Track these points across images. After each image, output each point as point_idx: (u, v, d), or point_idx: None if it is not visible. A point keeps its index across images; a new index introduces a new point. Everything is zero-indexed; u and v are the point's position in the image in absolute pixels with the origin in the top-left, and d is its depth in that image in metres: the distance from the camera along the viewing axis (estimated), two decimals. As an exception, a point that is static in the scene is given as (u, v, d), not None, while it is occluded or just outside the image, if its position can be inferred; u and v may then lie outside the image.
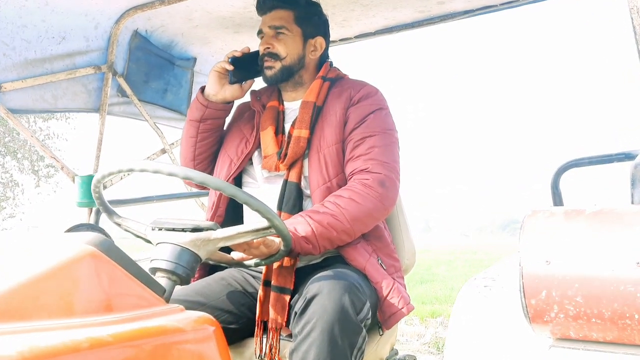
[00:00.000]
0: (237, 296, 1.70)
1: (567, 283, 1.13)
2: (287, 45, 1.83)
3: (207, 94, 1.87)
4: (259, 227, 1.31)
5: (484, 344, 1.36)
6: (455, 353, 1.38)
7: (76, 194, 2.22)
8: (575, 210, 1.21)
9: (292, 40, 1.84)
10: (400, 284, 1.72)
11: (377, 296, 1.61)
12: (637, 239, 1.08)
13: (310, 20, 1.88)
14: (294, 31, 1.84)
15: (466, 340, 1.39)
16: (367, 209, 1.61)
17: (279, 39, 1.83)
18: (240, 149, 1.86)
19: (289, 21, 1.84)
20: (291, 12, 1.84)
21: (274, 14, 1.85)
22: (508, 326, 1.34)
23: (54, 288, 0.91)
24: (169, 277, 1.28)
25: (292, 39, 1.84)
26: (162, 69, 2.65)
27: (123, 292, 1.01)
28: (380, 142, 1.71)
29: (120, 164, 1.32)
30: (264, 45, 1.84)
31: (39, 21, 2.13)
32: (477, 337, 1.38)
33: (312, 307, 1.38)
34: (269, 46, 1.83)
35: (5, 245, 1.05)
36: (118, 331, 0.90)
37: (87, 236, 1.02)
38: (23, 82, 2.12)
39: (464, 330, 1.40)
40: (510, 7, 2.34)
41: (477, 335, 1.38)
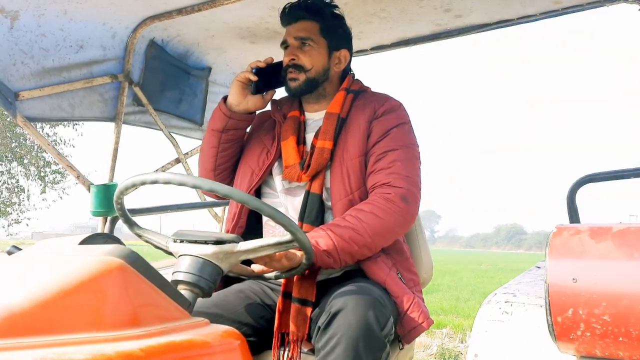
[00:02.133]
0: (256, 308, 1.70)
1: (594, 301, 1.12)
2: (313, 57, 1.82)
3: (230, 104, 1.86)
4: (282, 241, 1.31)
5: None
6: (477, 369, 1.37)
7: (91, 203, 2.22)
8: (601, 228, 1.20)
9: (317, 52, 1.83)
10: (420, 298, 1.71)
11: (398, 310, 1.60)
12: (666, 258, 1.07)
13: (335, 32, 1.87)
14: (319, 43, 1.83)
15: (489, 355, 1.38)
16: (388, 223, 1.60)
17: (304, 50, 1.82)
18: (261, 159, 1.85)
19: (315, 32, 1.83)
20: (317, 24, 1.83)
21: (299, 24, 1.84)
22: (531, 343, 1.33)
23: (83, 302, 0.91)
24: (192, 290, 1.27)
25: (318, 51, 1.83)
26: (178, 79, 2.66)
27: (150, 305, 1.01)
28: (403, 157, 1.71)
29: (144, 176, 1.32)
30: (289, 56, 1.83)
31: (57, 30, 2.14)
32: (500, 353, 1.37)
33: (336, 322, 1.37)
34: (294, 57, 1.81)
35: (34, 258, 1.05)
36: (147, 345, 0.90)
37: (115, 249, 1.02)
38: (41, 90, 2.12)
39: (486, 347, 1.39)
40: (527, 22, 2.34)
41: (500, 352, 1.37)
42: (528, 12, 2.28)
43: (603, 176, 2.20)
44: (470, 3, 2.18)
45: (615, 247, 1.15)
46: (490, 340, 1.40)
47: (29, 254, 1.09)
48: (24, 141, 16.92)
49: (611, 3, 2.13)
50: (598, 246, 1.16)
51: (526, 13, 2.28)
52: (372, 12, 2.25)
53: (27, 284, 0.91)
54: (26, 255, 1.08)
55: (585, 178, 2.24)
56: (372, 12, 2.25)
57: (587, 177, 2.23)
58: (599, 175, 2.23)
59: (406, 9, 2.23)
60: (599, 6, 2.17)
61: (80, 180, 2.27)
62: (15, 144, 16.68)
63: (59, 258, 1.03)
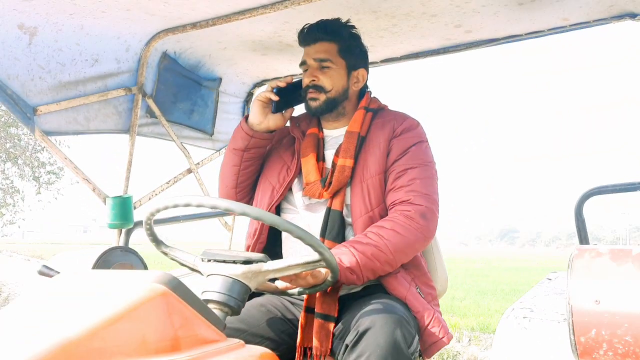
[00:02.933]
0: (277, 323, 1.73)
1: (617, 322, 1.16)
2: (333, 78, 1.86)
3: (252, 124, 1.89)
4: (310, 260, 1.35)
5: (527, 377, 1.39)
6: (499, 385, 1.41)
7: (108, 215, 2.24)
8: (621, 251, 1.25)
9: (337, 73, 1.87)
10: (438, 312, 1.74)
11: (418, 325, 1.64)
12: (686, 281, 1.12)
13: (353, 52, 1.91)
14: (338, 64, 1.87)
15: (509, 372, 1.42)
16: (409, 240, 1.64)
17: (324, 72, 1.85)
18: (282, 176, 1.88)
19: (333, 54, 1.86)
20: (335, 45, 1.86)
21: (318, 46, 1.87)
22: (550, 358, 1.37)
23: (130, 329, 0.94)
24: (221, 309, 1.31)
25: (337, 72, 1.87)
26: (189, 90, 2.68)
27: (191, 330, 1.04)
28: (422, 175, 1.75)
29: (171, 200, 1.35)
30: (309, 77, 1.86)
31: (74, 44, 2.17)
32: (521, 369, 1.41)
33: (364, 340, 1.40)
34: (315, 79, 1.85)
35: (79, 284, 1.08)
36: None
37: (157, 275, 1.05)
38: (57, 105, 2.14)
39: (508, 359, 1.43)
40: (535, 37, 2.38)
41: (521, 368, 1.41)
42: (536, 29, 2.32)
43: (610, 189, 2.24)
44: (480, 19, 2.21)
45: (635, 270, 1.19)
46: (511, 356, 1.44)
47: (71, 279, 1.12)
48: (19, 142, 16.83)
49: (617, 20, 2.18)
50: (619, 268, 1.21)
51: (534, 29, 2.32)
52: (384, 27, 2.29)
53: (78, 313, 0.94)
54: (69, 281, 1.11)
55: (593, 191, 2.28)
56: (385, 27, 2.29)
57: (595, 190, 2.27)
58: (606, 188, 2.27)
59: (418, 24, 2.26)
60: (606, 23, 2.21)
61: (95, 193, 2.29)
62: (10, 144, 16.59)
63: (105, 285, 1.06)
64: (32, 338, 0.87)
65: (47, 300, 1.04)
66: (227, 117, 3.00)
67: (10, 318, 0.99)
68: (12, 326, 0.96)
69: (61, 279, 1.12)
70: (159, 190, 2.58)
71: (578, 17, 2.17)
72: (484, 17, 2.18)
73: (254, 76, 2.94)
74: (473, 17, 2.18)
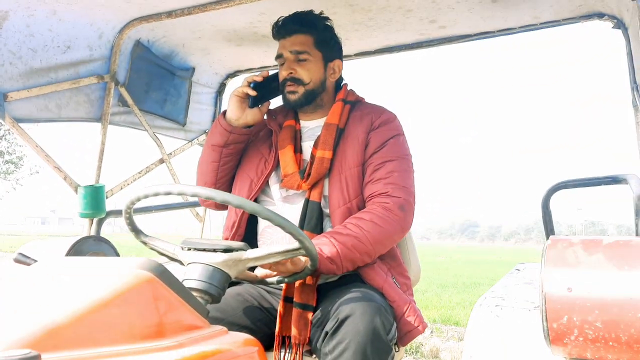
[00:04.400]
0: (254, 311, 1.74)
1: (588, 309, 1.21)
2: (310, 70, 1.86)
3: (230, 119, 1.87)
4: (290, 248, 1.36)
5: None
6: (473, 371, 1.46)
7: (79, 204, 2.20)
8: (593, 241, 1.30)
9: (314, 65, 1.87)
10: (413, 301, 1.78)
11: (395, 314, 1.67)
12: (653, 270, 1.17)
13: (329, 44, 1.92)
14: (315, 55, 1.87)
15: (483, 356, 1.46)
16: (387, 231, 1.67)
17: (301, 64, 1.86)
18: (259, 169, 1.89)
19: (310, 46, 1.87)
20: (311, 37, 1.87)
21: (294, 38, 1.87)
22: (523, 345, 1.43)
23: (116, 315, 0.94)
24: (202, 297, 1.31)
25: (314, 64, 1.87)
26: (162, 79, 2.66)
27: (176, 316, 1.05)
28: (399, 167, 1.78)
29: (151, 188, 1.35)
30: (286, 70, 1.87)
31: (46, 30, 2.12)
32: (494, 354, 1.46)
33: (344, 327, 1.43)
34: (292, 71, 1.86)
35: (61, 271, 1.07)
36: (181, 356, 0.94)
37: (144, 262, 1.05)
38: (29, 91, 2.09)
39: (481, 349, 1.48)
40: (507, 34, 2.44)
41: (494, 353, 1.46)
42: (509, 25, 2.38)
43: (575, 183, 2.32)
44: (454, 15, 2.26)
45: (606, 259, 1.24)
46: (484, 343, 1.49)
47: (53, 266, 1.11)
48: (-25, 131, 16.32)
49: (586, 20, 2.25)
50: (590, 258, 1.26)
51: (507, 26, 2.38)
52: (359, 20, 2.31)
53: (64, 299, 0.93)
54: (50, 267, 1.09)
55: (558, 185, 2.35)
56: (360, 20, 2.31)
57: (562, 184, 2.34)
58: (571, 182, 2.35)
59: (393, 19, 2.29)
60: (575, 22, 2.28)
61: (67, 182, 2.25)
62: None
63: (91, 272, 1.05)
64: (18, 323, 0.86)
65: (29, 287, 1.02)
66: (199, 107, 2.98)
67: None
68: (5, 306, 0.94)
69: (42, 265, 1.11)
70: (131, 180, 2.56)
71: (549, 15, 2.23)
72: (459, 13, 2.23)
73: (227, 67, 2.93)
74: (448, 13, 2.23)
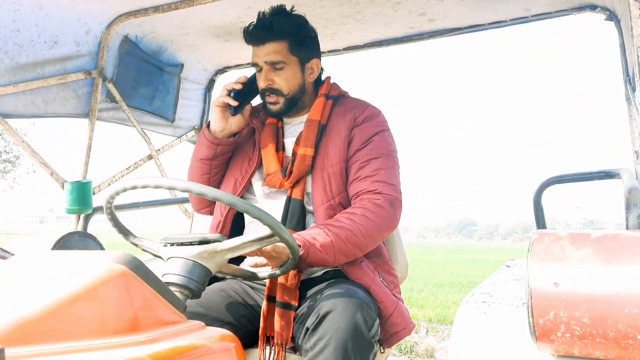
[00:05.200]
0: (237, 308, 1.71)
1: (575, 305, 1.19)
2: (288, 79, 1.80)
3: (214, 131, 1.83)
4: (263, 236, 1.35)
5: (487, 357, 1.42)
6: (459, 368, 1.44)
7: (65, 200, 2.18)
8: (580, 235, 1.28)
9: (292, 72, 1.81)
10: (401, 300, 1.76)
11: (382, 315, 1.65)
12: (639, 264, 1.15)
13: (304, 44, 1.83)
14: (291, 62, 1.80)
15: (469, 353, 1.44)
16: (379, 226, 1.65)
17: (278, 73, 1.79)
18: (244, 168, 1.87)
19: (285, 53, 1.78)
20: (285, 43, 1.78)
21: (267, 47, 1.77)
22: (509, 341, 1.40)
23: (88, 309, 0.92)
24: (181, 291, 1.30)
25: (291, 71, 1.81)
26: (151, 75, 2.63)
27: (151, 311, 1.03)
28: (385, 164, 1.75)
29: (135, 181, 1.34)
30: (264, 82, 1.80)
31: (32, 25, 2.10)
32: (480, 351, 1.43)
33: (325, 323, 1.41)
34: (270, 82, 1.80)
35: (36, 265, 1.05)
36: (154, 351, 0.92)
37: (117, 255, 1.03)
38: (15, 87, 2.07)
39: (467, 346, 1.46)
40: (497, 27, 2.42)
41: (480, 350, 1.44)
42: (499, 18, 2.35)
43: (568, 178, 2.30)
44: (444, 8, 2.23)
45: (593, 253, 1.22)
46: (471, 339, 1.47)
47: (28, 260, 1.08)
48: (-29, 130, 16.26)
49: (578, 12, 2.22)
50: (578, 252, 1.24)
51: (497, 19, 2.36)
52: (347, 14, 2.28)
53: (35, 293, 0.92)
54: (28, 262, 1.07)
55: (551, 180, 2.33)
56: (348, 14, 2.28)
57: (554, 179, 2.33)
58: (564, 177, 2.33)
59: (382, 12, 2.27)
60: (567, 14, 2.26)
61: (54, 177, 2.23)
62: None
63: (64, 265, 1.03)
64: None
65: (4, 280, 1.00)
66: (188, 103, 2.95)
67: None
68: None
69: (16, 260, 1.09)
70: (119, 175, 2.54)
71: (540, 7, 2.21)
72: (448, 5, 2.20)
73: (216, 63, 2.90)
74: (437, 5, 2.20)
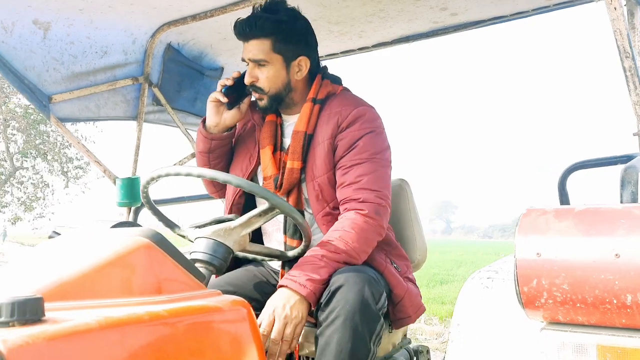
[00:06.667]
0: (262, 286, 1.89)
1: (555, 272, 1.29)
2: (269, 78, 1.83)
3: (209, 126, 1.91)
4: (265, 209, 1.52)
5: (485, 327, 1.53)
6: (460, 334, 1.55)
7: (117, 194, 2.43)
8: (565, 209, 1.37)
9: (274, 70, 1.83)
10: (413, 285, 1.86)
11: (392, 299, 1.75)
12: (616, 234, 1.24)
13: (290, 42, 1.83)
14: (273, 60, 1.82)
15: (469, 323, 1.55)
16: (368, 239, 1.71)
17: (261, 70, 1.83)
18: (244, 165, 1.96)
19: (267, 52, 1.81)
20: (269, 41, 1.80)
21: (252, 44, 1.82)
22: (507, 312, 1.51)
23: (115, 273, 1.10)
24: (206, 267, 1.48)
25: (274, 69, 1.83)
26: (193, 79, 2.85)
27: (171, 278, 1.20)
28: (369, 170, 1.75)
29: (167, 168, 1.54)
30: (249, 78, 1.85)
31: (84, 38, 2.35)
32: (479, 320, 1.55)
33: (336, 297, 1.53)
34: (253, 79, 1.85)
35: (76, 239, 1.25)
36: (170, 308, 1.09)
37: (143, 231, 1.21)
38: (70, 93, 2.34)
39: (468, 317, 1.57)
40: (520, 18, 2.46)
41: (479, 319, 1.55)
42: (521, 9, 2.39)
43: (593, 163, 2.34)
44: (464, 2, 2.30)
45: (574, 225, 1.31)
46: (472, 311, 1.57)
47: (73, 237, 1.29)
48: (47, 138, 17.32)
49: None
50: (560, 224, 1.33)
51: (519, 10, 2.40)
52: (371, 12, 2.40)
53: (74, 260, 1.11)
54: (70, 237, 1.28)
55: (576, 165, 2.38)
56: (372, 12, 2.40)
57: (578, 164, 2.37)
58: (589, 162, 2.37)
59: (404, 9, 2.37)
60: (590, 1, 2.28)
61: (106, 174, 2.48)
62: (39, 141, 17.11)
63: (98, 239, 1.23)
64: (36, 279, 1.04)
65: (50, 251, 1.21)
66: (229, 105, 3.16)
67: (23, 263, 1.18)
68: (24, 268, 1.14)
69: (62, 237, 1.30)
70: (167, 172, 2.76)
71: None
72: (468, 0, 2.28)
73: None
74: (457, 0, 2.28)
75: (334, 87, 1.93)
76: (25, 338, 0.81)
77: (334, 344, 1.50)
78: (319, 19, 2.43)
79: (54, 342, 0.84)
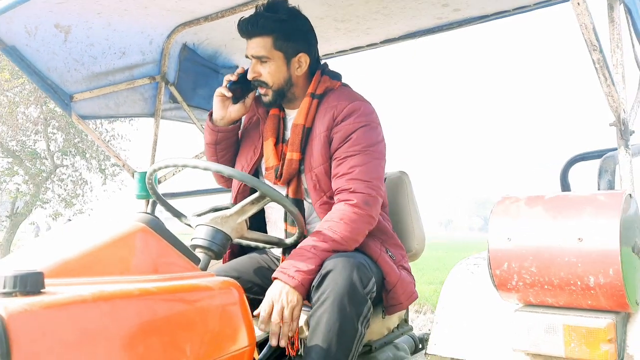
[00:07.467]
0: (264, 272, 2.01)
1: (524, 256, 1.37)
2: (272, 73, 1.93)
3: (215, 119, 2.04)
4: (257, 197, 1.64)
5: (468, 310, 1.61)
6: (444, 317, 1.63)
7: (135, 187, 2.58)
8: (536, 197, 1.44)
9: (275, 66, 1.93)
10: (407, 273, 1.95)
11: (385, 286, 1.85)
12: (580, 219, 1.31)
13: (290, 40, 1.92)
14: (275, 57, 1.92)
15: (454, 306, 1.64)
16: (358, 229, 1.79)
17: (263, 66, 1.93)
18: (249, 156, 2.07)
19: (269, 49, 1.90)
20: (270, 38, 1.90)
21: (254, 42, 1.92)
22: (488, 296, 1.58)
23: (115, 254, 1.23)
24: (206, 252, 1.59)
25: (275, 65, 1.92)
26: (208, 77, 2.98)
27: (166, 259, 1.32)
28: (362, 161, 1.83)
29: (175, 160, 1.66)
30: (252, 73, 1.96)
31: (103, 39, 2.49)
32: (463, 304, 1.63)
33: (326, 281, 1.64)
34: (256, 75, 1.95)
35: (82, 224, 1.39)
36: (161, 285, 1.21)
37: (141, 216, 1.33)
38: (90, 92, 2.49)
39: (452, 299, 1.65)
40: (522, 12, 2.50)
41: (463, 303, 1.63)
42: (523, 3, 2.42)
43: (592, 155, 2.37)
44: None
45: (543, 211, 1.38)
46: (456, 295, 1.66)
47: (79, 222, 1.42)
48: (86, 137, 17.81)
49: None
50: (530, 211, 1.40)
51: (521, 4, 2.43)
52: (375, 9, 2.47)
53: (76, 242, 1.24)
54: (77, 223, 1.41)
55: (576, 157, 2.42)
56: (376, 9, 2.47)
57: (578, 157, 2.41)
58: (590, 154, 2.40)
59: (406, 5, 2.43)
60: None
61: (125, 168, 2.63)
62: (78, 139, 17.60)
63: (99, 223, 1.36)
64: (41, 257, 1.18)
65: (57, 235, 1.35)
66: (244, 101, 3.28)
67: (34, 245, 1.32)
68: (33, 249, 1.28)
69: (72, 222, 1.43)
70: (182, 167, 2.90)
71: None
72: (468, -6, 2.33)
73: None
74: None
75: (333, 82, 2.01)
76: (24, 306, 0.93)
77: (324, 323, 1.60)
78: (325, 17, 2.51)
79: (50, 310, 0.96)
